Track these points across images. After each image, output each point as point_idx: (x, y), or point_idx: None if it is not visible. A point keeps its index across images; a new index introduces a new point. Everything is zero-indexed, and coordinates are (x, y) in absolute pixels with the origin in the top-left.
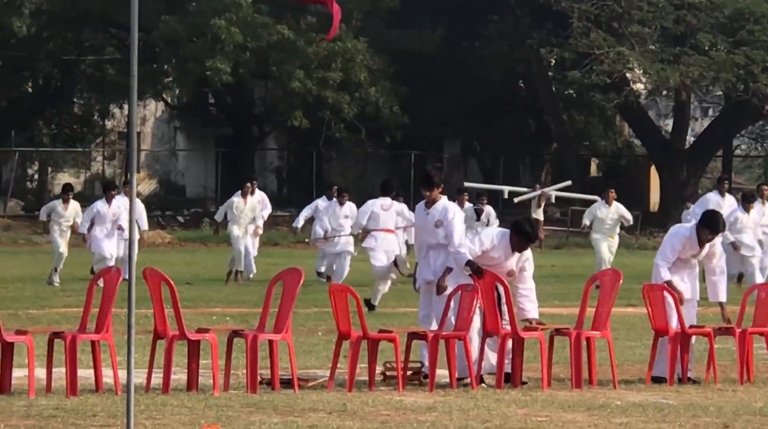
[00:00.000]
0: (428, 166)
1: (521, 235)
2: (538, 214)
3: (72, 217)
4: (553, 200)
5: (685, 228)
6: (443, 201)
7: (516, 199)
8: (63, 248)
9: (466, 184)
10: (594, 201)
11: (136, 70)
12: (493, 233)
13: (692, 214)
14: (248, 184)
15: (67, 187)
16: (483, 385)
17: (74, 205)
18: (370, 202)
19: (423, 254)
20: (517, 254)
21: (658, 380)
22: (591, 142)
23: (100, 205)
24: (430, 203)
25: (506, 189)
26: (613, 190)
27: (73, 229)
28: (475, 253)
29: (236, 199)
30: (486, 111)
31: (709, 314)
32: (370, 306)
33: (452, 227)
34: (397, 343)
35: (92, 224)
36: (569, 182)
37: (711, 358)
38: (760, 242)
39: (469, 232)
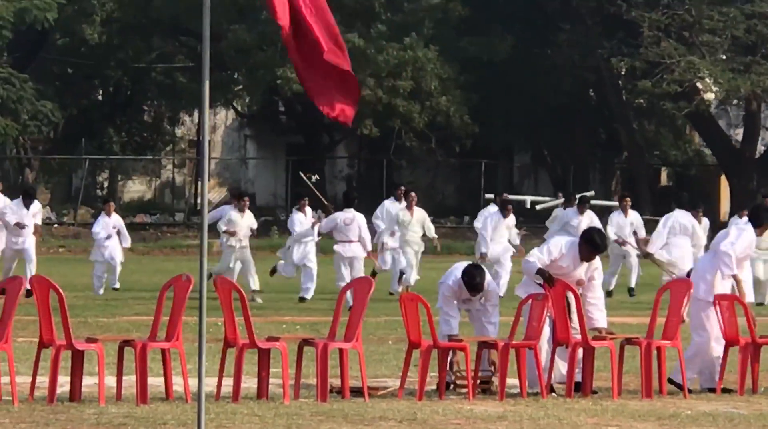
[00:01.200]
0: None
1: (590, 244)
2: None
3: (247, 226)
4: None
5: None
6: None
7: (538, 207)
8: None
9: (488, 195)
10: (608, 207)
11: (208, 79)
12: (561, 242)
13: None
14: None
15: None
16: (553, 394)
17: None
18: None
19: None
20: (585, 263)
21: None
22: (661, 151)
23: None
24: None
25: (528, 199)
26: (628, 198)
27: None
28: (544, 261)
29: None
30: (556, 120)
31: None
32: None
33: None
34: (468, 353)
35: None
36: (593, 193)
37: None
38: None
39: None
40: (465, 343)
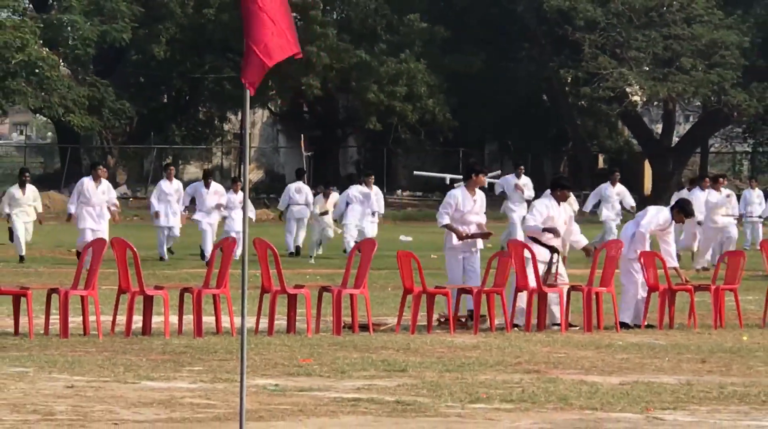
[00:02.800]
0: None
1: (559, 188)
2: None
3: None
4: (486, 185)
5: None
6: None
7: (456, 184)
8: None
9: (416, 172)
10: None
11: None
12: (541, 202)
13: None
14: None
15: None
16: (553, 327)
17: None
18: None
19: None
20: (563, 206)
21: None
22: (599, 141)
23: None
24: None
25: (448, 176)
26: (617, 172)
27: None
28: (540, 220)
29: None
30: (517, 117)
31: (691, 274)
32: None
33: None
34: (449, 297)
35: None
36: (499, 172)
37: (692, 309)
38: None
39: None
40: (448, 289)
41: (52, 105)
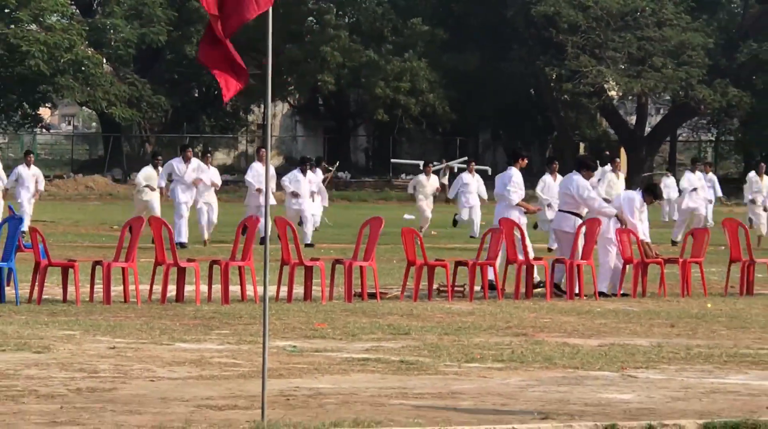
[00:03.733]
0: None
1: (582, 168)
2: (444, 180)
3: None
4: (456, 171)
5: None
6: None
7: (435, 167)
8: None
9: (393, 160)
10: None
11: (270, 82)
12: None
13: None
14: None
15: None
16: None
17: None
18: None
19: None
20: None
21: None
22: (580, 131)
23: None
24: None
25: (420, 163)
26: (619, 159)
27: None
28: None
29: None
30: (508, 110)
31: (661, 249)
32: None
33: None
34: (448, 269)
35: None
36: (466, 158)
37: (662, 279)
38: None
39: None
40: (446, 262)
41: (96, 99)
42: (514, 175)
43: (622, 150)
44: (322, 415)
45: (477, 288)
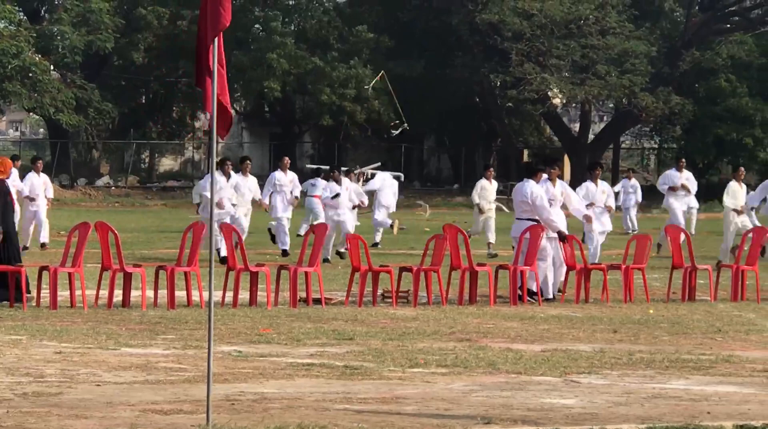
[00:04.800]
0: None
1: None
2: (359, 186)
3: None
4: (370, 176)
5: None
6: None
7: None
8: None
9: (308, 165)
10: (396, 176)
11: (216, 87)
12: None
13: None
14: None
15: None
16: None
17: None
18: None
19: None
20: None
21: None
22: (524, 138)
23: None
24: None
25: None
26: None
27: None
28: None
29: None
30: (453, 117)
31: (604, 255)
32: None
33: None
34: (392, 275)
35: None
36: (379, 163)
37: (605, 285)
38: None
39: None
40: (391, 268)
41: (43, 105)
42: (534, 188)
43: (566, 157)
44: (267, 419)
45: (421, 293)
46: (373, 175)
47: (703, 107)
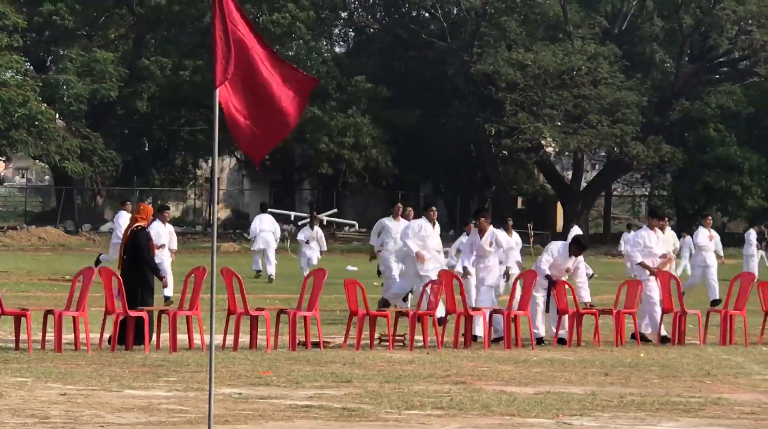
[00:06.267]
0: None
1: (578, 246)
2: (314, 232)
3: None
4: (324, 223)
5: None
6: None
7: (300, 222)
8: None
9: (271, 210)
10: (348, 224)
11: (217, 137)
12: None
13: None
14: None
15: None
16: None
17: None
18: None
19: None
20: (573, 258)
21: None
22: (518, 185)
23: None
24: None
25: (293, 214)
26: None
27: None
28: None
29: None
30: (449, 164)
31: (596, 300)
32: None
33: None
34: (389, 319)
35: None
36: (336, 210)
37: (596, 329)
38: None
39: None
40: (387, 312)
41: (49, 153)
42: (646, 235)
43: (558, 204)
44: None
45: (417, 337)
46: (329, 223)
47: (692, 155)
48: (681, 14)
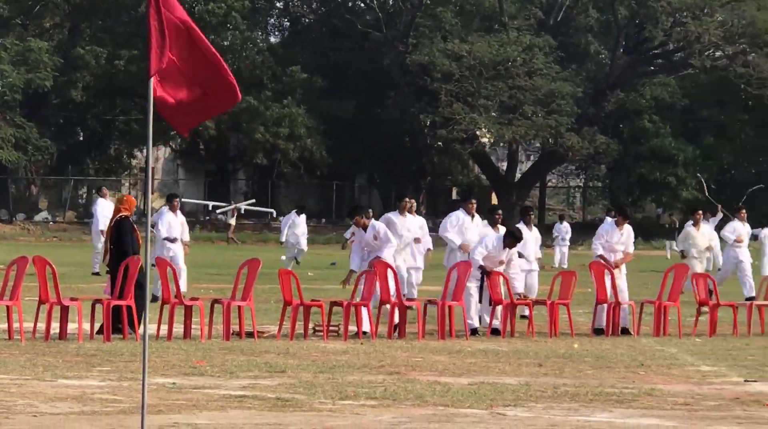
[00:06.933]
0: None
1: (512, 238)
2: (232, 221)
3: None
4: (242, 212)
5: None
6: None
7: (218, 211)
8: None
9: (184, 199)
10: (266, 213)
11: (151, 126)
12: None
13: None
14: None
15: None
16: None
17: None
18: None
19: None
20: (507, 249)
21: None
22: (453, 176)
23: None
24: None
25: (210, 203)
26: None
27: None
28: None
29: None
30: (384, 155)
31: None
32: None
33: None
34: (323, 309)
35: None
36: (254, 200)
37: (530, 320)
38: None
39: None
40: (322, 302)
41: None
42: (610, 230)
43: (493, 195)
44: None
45: (351, 327)
46: (247, 211)
47: (627, 147)
48: (616, 6)
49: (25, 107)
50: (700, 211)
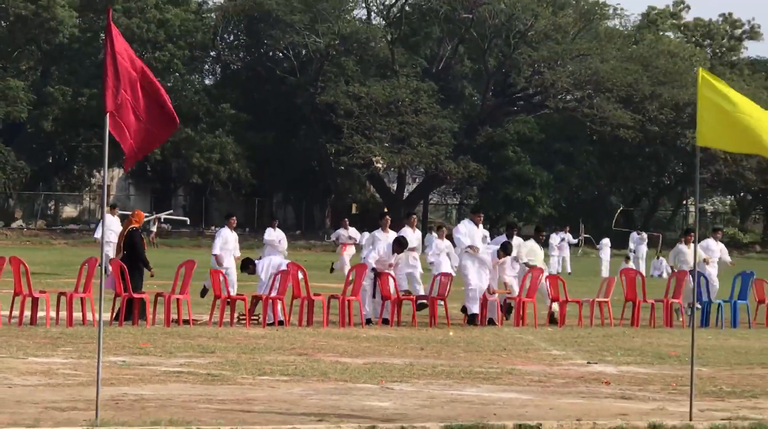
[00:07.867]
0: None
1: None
2: (153, 229)
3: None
4: (163, 220)
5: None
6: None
7: (146, 218)
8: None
9: (145, 215)
10: (183, 221)
11: (107, 151)
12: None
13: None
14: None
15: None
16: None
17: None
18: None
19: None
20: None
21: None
22: (352, 194)
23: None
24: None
25: (154, 216)
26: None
27: None
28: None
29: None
30: (297, 177)
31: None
32: None
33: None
34: (246, 302)
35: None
36: (171, 211)
37: (414, 313)
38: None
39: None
40: (245, 296)
41: None
42: (467, 224)
43: (386, 210)
44: (144, 416)
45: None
46: (167, 220)
47: (494, 172)
48: (486, 57)
49: (4, 135)
50: (692, 233)
